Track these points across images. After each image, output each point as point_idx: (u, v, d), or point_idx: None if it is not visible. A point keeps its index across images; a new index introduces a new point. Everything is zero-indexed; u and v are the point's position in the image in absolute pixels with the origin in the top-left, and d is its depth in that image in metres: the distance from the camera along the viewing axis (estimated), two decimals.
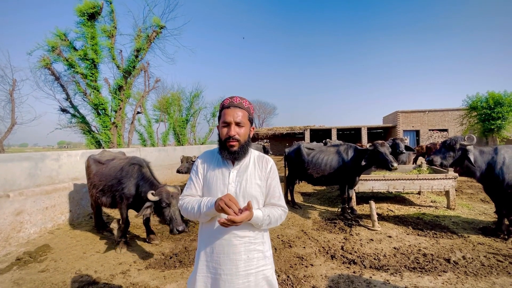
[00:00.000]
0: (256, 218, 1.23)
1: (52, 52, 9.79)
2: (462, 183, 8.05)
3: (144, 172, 3.84)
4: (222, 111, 1.37)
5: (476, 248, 3.53)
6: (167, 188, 3.37)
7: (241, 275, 1.28)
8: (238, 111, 1.33)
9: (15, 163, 4.40)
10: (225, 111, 1.34)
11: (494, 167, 3.72)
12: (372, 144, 4.78)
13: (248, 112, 1.38)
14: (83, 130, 11.51)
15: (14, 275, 3.14)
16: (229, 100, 1.37)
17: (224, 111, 1.35)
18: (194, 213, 1.30)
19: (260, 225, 1.29)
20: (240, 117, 1.33)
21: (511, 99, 14.91)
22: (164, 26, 11.73)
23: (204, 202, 1.29)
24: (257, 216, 1.24)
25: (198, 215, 1.29)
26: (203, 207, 1.27)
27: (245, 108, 1.37)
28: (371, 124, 23.15)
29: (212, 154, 1.48)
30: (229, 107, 1.34)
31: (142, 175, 3.80)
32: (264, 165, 1.42)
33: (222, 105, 1.39)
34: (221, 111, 1.38)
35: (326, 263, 3.27)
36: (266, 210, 1.31)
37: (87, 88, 10.55)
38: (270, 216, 1.31)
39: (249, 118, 1.38)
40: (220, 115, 1.38)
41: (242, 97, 1.39)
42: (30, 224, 4.37)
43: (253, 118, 1.45)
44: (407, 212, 5.25)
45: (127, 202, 3.78)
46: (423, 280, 2.80)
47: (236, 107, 1.34)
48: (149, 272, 3.14)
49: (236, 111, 1.33)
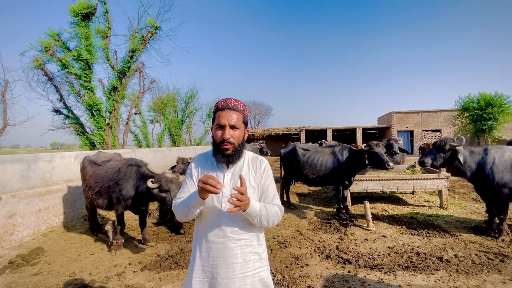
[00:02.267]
0: (253, 206, 1.21)
1: (45, 52, 9.66)
2: (454, 183, 8.19)
3: (142, 172, 3.83)
4: (216, 113, 1.35)
5: (468, 247, 3.60)
6: (166, 175, 3.40)
7: (238, 278, 1.27)
8: (233, 114, 1.32)
9: (7, 165, 4.34)
10: (220, 114, 1.32)
11: (484, 167, 3.81)
12: (367, 144, 4.84)
13: (243, 114, 1.37)
14: (77, 131, 11.37)
15: (7, 278, 3.09)
16: (223, 102, 1.35)
17: (219, 113, 1.33)
18: (184, 210, 1.28)
19: (258, 215, 1.25)
20: (234, 120, 1.31)
21: (501, 100, 15.24)
22: (159, 27, 11.68)
23: (189, 197, 1.28)
24: (254, 204, 1.22)
25: (187, 210, 1.27)
26: (189, 200, 1.26)
27: (240, 110, 1.35)
28: (366, 125, 23.39)
29: (206, 157, 1.46)
30: (224, 110, 1.32)
31: (141, 175, 3.79)
32: (258, 166, 1.42)
33: (216, 107, 1.37)
34: (215, 113, 1.36)
35: (321, 263, 3.30)
36: (262, 203, 1.31)
37: (81, 89, 10.43)
38: (267, 208, 1.29)
39: (243, 120, 1.37)
40: (214, 117, 1.36)
41: (237, 99, 1.38)
42: (23, 226, 4.30)
43: (248, 120, 1.44)
44: (401, 212, 5.32)
45: (125, 204, 3.76)
46: (416, 278, 2.85)
47: (231, 109, 1.32)
48: (144, 274, 3.12)
49: (230, 114, 1.31)
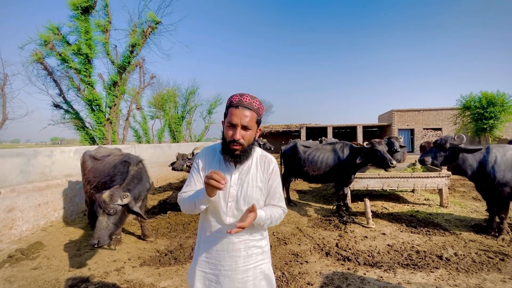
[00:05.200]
0: (259, 218, 1.23)
1: (45, 46, 9.58)
2: (455, 182, 8.17)
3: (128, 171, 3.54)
4: (229, 109, 1.27)
5: (468, 245, 3.59)
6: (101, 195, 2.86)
7: (240, 270, 1.31)
8: (247, 113, 1.24)
9: (7, 159, 4.32)
10: (232, 111, 1.25)
11: (486, 166, 3.78)
12: (369, 142, 4.79)
13: (257, 113, 1.29)
14: (76, 126, 11.34)
15: (6, 272, 3.09)
16: (238, 98, 1.26)
17: (231, 110, 1.25)
18: (190, 205, 1.28)
19: (262, 224, 1.29)
20: (247, 120, 1.24)
21: (503, 99, 15.16)
22: (159, 22, 11.56)
23: (197, 192, 1.27)
24: (260, 216, 1.24)
25: (194, 206, 1.26)
26: (196, 196, 1.25)
27: (255, 109, 1.27)
28: (367, 123, 23.31)
29: (213, 152, 1.41)
30: (238, 107, 1.24)
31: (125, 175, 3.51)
32: (266, 166, 1.39)
33: (229, 102, 1.28)
34: (228, 108, 1.28)
35: (321, 260, 3.30)
36: (267, 210, 1.31)
37: (81, 83, 10.36)
38: (271, 216, 1.32)
39: (257, 120, 1.30)
40: (227, 113, 1.29)
41: (253, 96, 1.29)
42: (22, 221, 4.30)
43: (261, 119, 1.36)
44: (401, 210, 5.31)
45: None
46: (416, 276, 2.84)
47: (245, 108, 1.24)
48: (143, 269, 3.12)
49: (244, 113, 1.23)
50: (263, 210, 1.29)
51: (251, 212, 1.17)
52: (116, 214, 2.82)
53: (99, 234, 2.65)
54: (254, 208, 1.17)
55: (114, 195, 2.81)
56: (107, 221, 2.74)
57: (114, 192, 2.86)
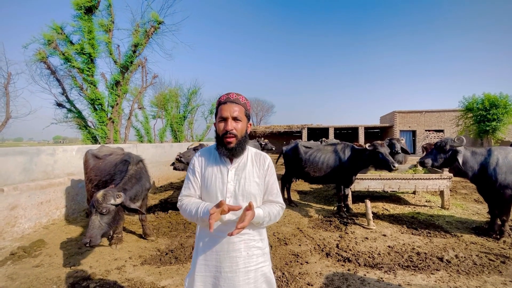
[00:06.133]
0: (257, 216, 1.24)
1: (48, 45, 9.67)
2: (456, 184, 8.14)
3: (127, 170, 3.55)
4: (218, 107, 1.37)
5: (469, 247, 3.58)
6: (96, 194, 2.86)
7: (241, 272, 1.29)
8: (235, 106, 1.33)
9: (10, 157, 4.36)
10: (222, 107, 1.34)
11: (487, 168, 3.77)
12: (371, 144, 4.78)
13: (245, 107, 1.39)
14: (79, 125, 11.42)
15: (8, 269, 3.12)
16: (225, 96, 1.37)
17: (221, 106, 1.35)
18: (192, 217, 1.30)
19: (261, 223, 1.30)
20: (237, 112, 1.33)
21: (506, 101, 15.09)
22: (162, 22, 11.63)
23: (201, 208, 1.28)
24: (258, 215, 1.25)
25: (196, 220, 1.30)
26: (200, 213, 1.26)
27: (242, 103, 1.37)
28: (368, 124, 23.27)
29: (209, 152, 1.46)
30: (226, 103, 1.34)
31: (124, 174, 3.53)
32: (262, 163, 1.42)
33: (218, 101, 1.39)
34: (218, 107, 1.38)
35: (321, 260, 3.30)
36: (265, 208, 1.32)
37: (84, 82, 10.44)
38: (270, 214, 1.32)
39: (245, 113, 1.39)
40: (217, 111, 1.38)
41: (238, 93, 1.40)
42: (25, 219, 4.33)
43: (250, 114, 1.45)
44: (402, 211, 5.30)
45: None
46: (416, 278, 2.83)
47: (233, 102, 1.34)
48: (144, 268, 3.14)
49: (232, 106, 1.33)
50: (261, 208, 1.30)
51: (249, 210, 1.18)
52: (109, 213, 2.80)
53: (91, 233, 2.64)
54: (251, 206, 1.18)
55: (107, 194, 2.80)
56: (100, 221, 2.73)
57: (107, 191, 2.85)
